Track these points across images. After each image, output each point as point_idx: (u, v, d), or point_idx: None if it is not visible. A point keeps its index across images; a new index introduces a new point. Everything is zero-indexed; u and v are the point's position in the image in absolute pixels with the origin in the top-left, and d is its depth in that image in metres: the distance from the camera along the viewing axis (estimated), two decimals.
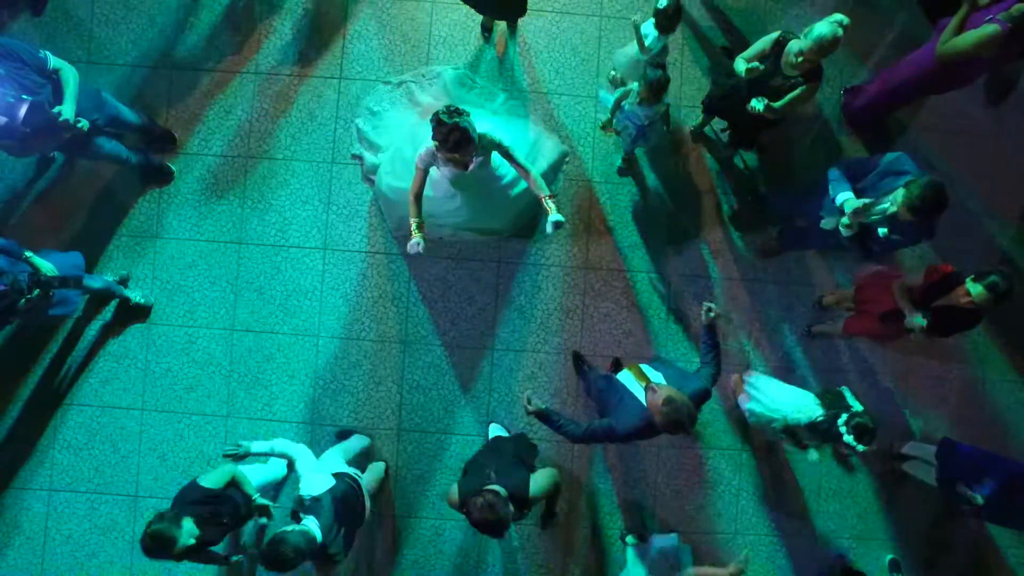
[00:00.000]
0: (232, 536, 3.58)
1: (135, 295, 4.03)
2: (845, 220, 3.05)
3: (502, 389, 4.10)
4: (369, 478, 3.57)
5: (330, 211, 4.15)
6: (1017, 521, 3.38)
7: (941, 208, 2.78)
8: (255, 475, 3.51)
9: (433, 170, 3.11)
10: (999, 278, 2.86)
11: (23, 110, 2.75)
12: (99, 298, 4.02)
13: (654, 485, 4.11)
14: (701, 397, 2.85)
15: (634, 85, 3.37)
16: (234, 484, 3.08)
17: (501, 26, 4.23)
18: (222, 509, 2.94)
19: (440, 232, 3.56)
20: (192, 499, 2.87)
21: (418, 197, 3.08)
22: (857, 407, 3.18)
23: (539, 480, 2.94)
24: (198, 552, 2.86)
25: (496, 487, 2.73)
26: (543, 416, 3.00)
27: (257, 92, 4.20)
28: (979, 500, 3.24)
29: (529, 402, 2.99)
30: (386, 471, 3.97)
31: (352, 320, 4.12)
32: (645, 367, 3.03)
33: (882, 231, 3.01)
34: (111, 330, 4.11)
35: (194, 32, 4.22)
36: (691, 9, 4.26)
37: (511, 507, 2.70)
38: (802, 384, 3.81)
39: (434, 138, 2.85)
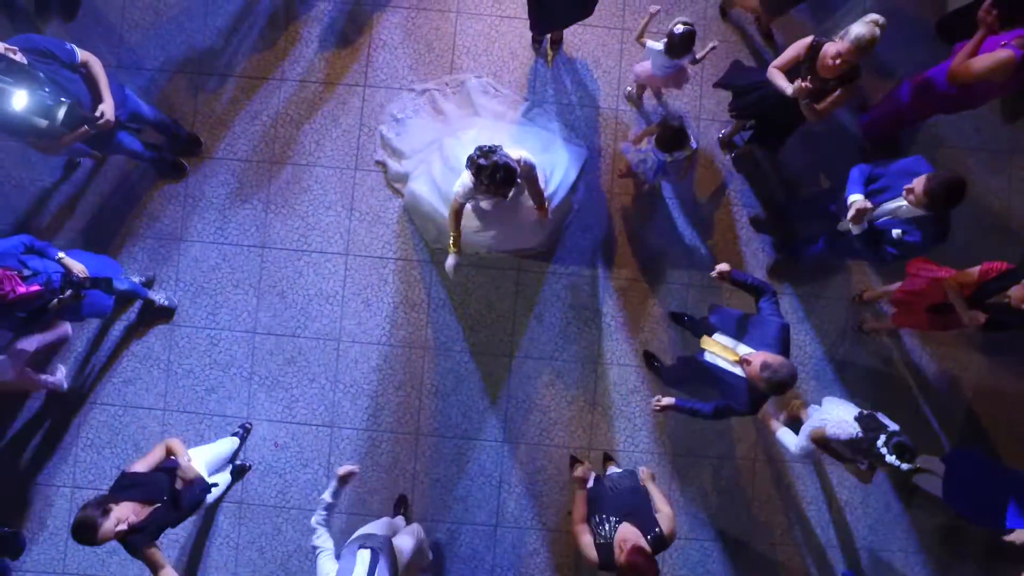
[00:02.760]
0: None
1: (159, 298, 4.09)
2: (862, 204, 3.04)
3: (520, 396, 4.15)
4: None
5: (353, 217, 4.21)
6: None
7: (959, 195, 2.80)
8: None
9: (460, 195, 3.13)
10: None
11: (62, 113, 2.81)
12: (124, 299, 4.07)
13: (669, 492, 4.15)
14: (785, 340, 2.88)
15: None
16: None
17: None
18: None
19: (476, 249, 3.61)
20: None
21: (458, 215, 3.13)
22: (893, 426, 3.20)
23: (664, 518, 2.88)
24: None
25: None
26: (674, 408, 3.10)
27: (283, 98, 4.26)
28: None
29: (659, 402, 3.11)
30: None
31: (373, 325, 4.17)
32: (717, 336, 3.06)
33: (896, 232, 3.05)
34: (135, 331, 4.17)
35: (222, 38, 4.28)
36: (715, 22, 4.32)
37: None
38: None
39: (477, 180, 2.88)
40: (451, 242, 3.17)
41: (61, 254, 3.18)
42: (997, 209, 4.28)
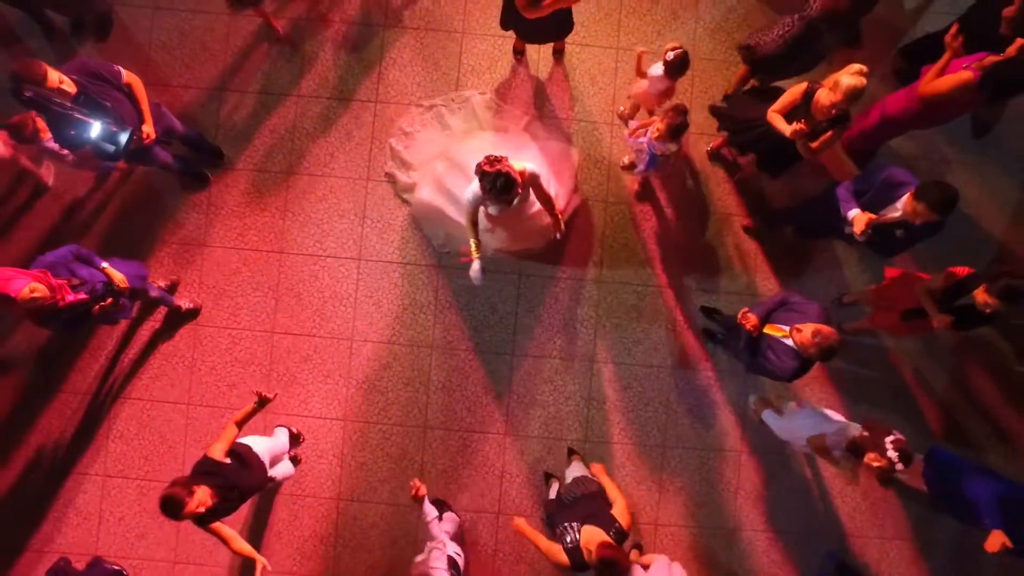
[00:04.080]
0: None
1: (184, 303, 4.37)
2: (861, 220, 3.32)
3: (521, 392, 4.44)
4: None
5: (365, 224, 4.51)
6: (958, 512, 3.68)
7: (952, 202, 3.09)
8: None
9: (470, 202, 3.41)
10: (1012, 284, 3.14)
11: (124, 138, 3.11)
12: (152, 303, 4.37)
13: (659, 482, 4.44)
14: (827, 316, 3.21)
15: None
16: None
17: (533, 53, 4.57)
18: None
19: (485, 251, 3.89)
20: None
21: (474, 221, 3.40)
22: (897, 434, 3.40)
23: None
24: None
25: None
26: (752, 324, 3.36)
27: (299, 113, 4.56)
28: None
29: (746, 317, 3.36)
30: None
31: (383, 325, 4.46)
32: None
33: (899, 232, 3.35)
34: (162, 331, 4.46)
35: (242, 57, 4.58)
36: (703, 41, 4.61)
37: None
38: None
39: (482, 186, 3.14)
40: (472, 247, 3.40)
41: (104, 264, 3.47)
42: (968, 218, 4.56)
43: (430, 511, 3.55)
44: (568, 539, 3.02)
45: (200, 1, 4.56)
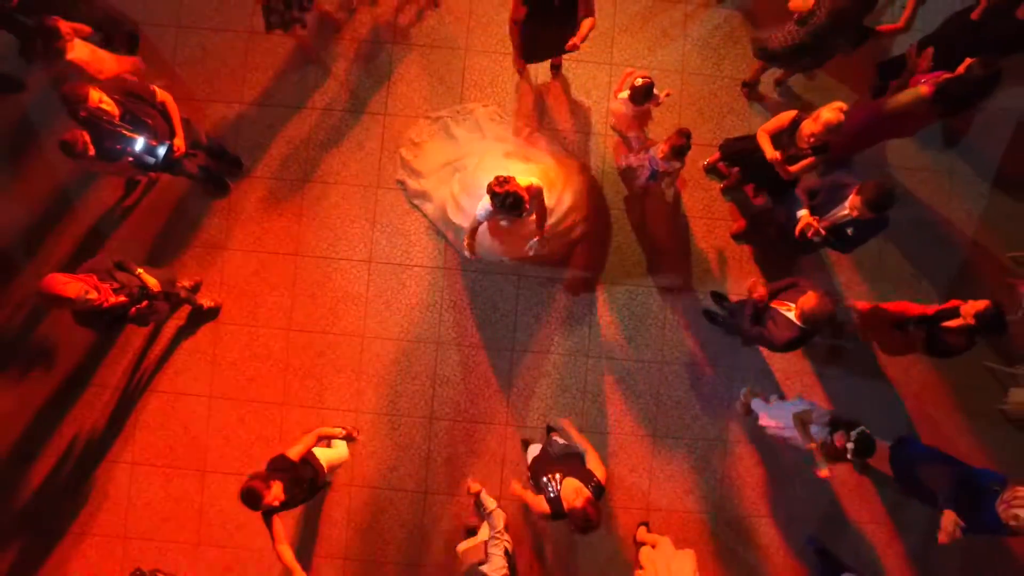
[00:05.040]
0: None
1: (206, 301, 4.68)
2: (806, 220, 3.64)
3: (520, 385, 4.76)
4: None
5: (375, 228, 4.82)
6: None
7: (892, 201, 3.39)
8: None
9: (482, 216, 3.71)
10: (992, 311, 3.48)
11: (163, 152, 3.43)
12: (177, 303, 4.67)
13: (650, 470, 4.75)
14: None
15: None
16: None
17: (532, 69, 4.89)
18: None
19: (501, 257, 4.23)
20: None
21: (473, 230, 3.76)
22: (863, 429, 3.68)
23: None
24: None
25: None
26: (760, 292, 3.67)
27: (314, 125, 4.88)
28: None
29: (756, 287, 3.65)
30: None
31: (392, 323, 4.78)
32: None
33: (849, 230, 3.66)
34: (185, 328, 4.77)
35: (260, 72, 4.90)
36: (691, 57, 4.93)
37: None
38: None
39: (493, 204, 3.45)
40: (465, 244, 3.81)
41: (140, 269, 3.79)
42: (938, 221, 4.88)
43: (490, 502, 3.77)
44: (550, 490, 3.34)
45: (221, 20, 4.88)
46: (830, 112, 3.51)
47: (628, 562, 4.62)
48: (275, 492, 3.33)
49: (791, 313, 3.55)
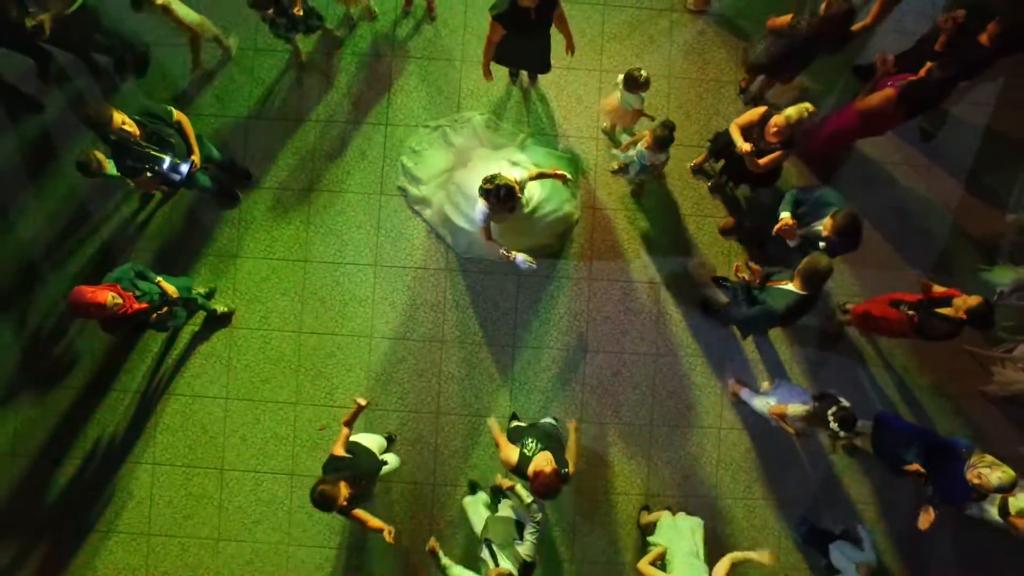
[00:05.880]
0: None
1: (220, 307, 4.91)
2: (786, 222, 3.86)
3: (522, 379, 4.98)
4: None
5: (380, 233, 5.05)
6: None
7: (856, 231, 3.65)
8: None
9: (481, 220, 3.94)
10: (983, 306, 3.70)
11: (186, 168, 3.67)
12: (193, 309, 4.90)
13: (649, 458, 4.97)
14: None
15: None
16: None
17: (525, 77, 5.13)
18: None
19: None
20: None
21: (487, 232, 3.95)
22: (844, 404, 3.96)
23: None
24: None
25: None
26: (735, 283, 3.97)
27: (318, 136, 5.11)
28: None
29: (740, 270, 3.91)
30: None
31: (398, 323, 5.01)
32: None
33: (821, 243, 3.89)
34: (201, 334, 5.00)
35: (266, 88, 5.13)
36: (677, 62, 5.17)
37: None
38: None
39: (488, 203, 3.68)
40: (504, 251, 3.93)
41: (159, 278, 4.02)
42: (917, 212, 5.11)
43: (526, 494, 3.83)
44: (526, 448, 3.56)
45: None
46: (796, 111, 3.77)
47: (629, 546, 4.86)
48: (343, 492, 3.52)
49: (788, 285, 3.75)
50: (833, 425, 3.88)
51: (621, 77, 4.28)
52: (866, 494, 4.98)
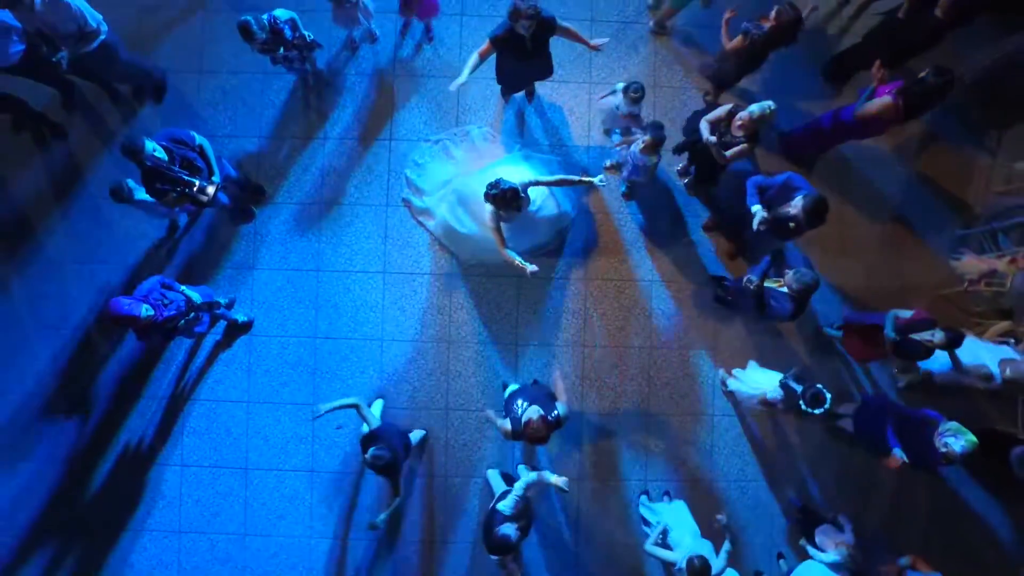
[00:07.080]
0: None
1: (240, 316, 5.23)
2: (761, 215, 4.20)
3: (525, 375, 5.30)
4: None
5: (387, 243, 5.37)
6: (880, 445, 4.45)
7: (823, 211, 4.01)
8: None
9: (479, 220, 4.29)
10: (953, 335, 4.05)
11: (212, 190, 4.00)
12: (215, 319, 5.22)
13: (645, 445, 5.29)
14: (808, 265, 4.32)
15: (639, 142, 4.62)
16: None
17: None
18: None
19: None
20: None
21: (499, 233, 4.20)
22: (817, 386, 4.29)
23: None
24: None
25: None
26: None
27: (327, 153, 5.43)
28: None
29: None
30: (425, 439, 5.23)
31: (407, 326, 5.33)
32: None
33: (791, 224, 4.22)
34: (222, 342, 5.31)
35: (276, 109, 5.45)
36: (661, 71, 5.49)
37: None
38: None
39: (494, 206, 4.00)
40: (519, 261, 4.15)
41: (183, 288, 4.34)
42: (892, 205, 5.44)
43: (551, 476, 4.03)
44: (516, 412, 3.90)
45: (237, 64, 5.43)
46: (757, 107, 4.16)
47: (632, 530, 5.17)
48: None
49: (784, 289, 4.13)
50: (805, 406, 4.20)
51: (621, 85, 4.63)
52: (853, 475, 5.29)
